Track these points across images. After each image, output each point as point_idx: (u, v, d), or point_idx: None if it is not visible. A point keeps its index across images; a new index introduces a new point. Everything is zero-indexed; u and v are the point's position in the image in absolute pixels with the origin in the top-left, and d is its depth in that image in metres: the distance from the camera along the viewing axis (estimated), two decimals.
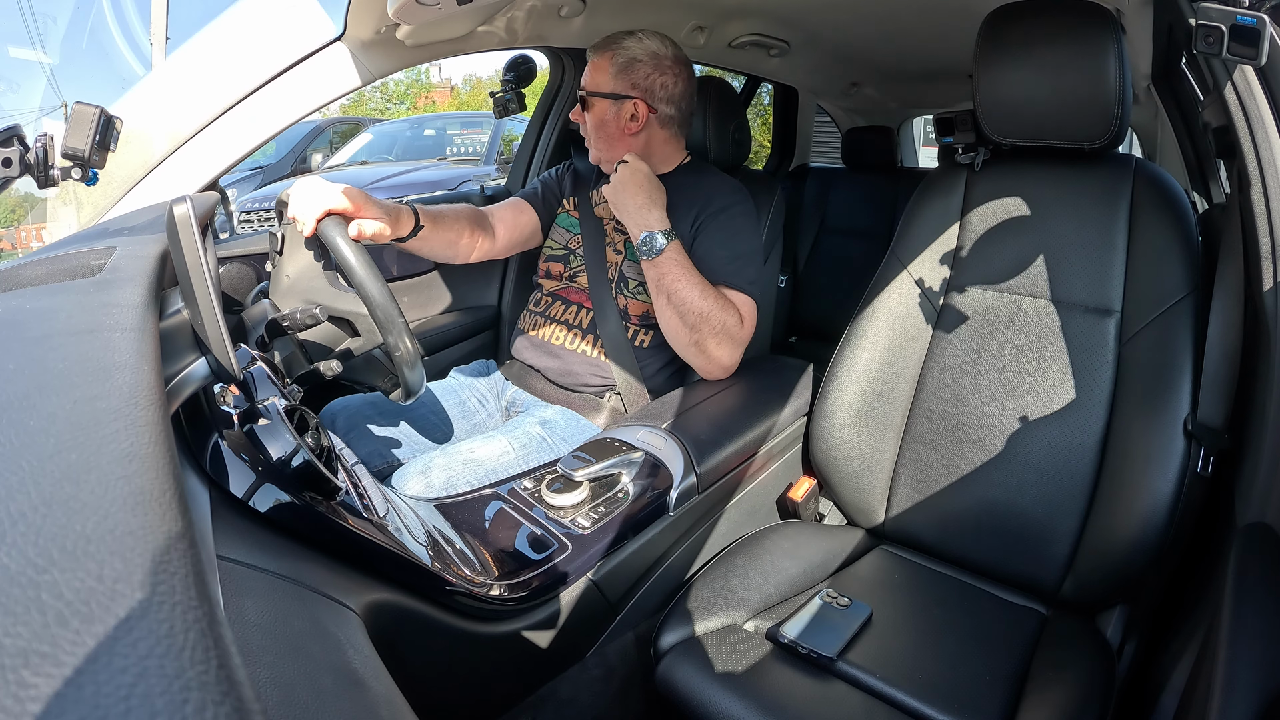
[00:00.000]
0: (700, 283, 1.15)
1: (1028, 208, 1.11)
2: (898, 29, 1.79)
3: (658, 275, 1.15)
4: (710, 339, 1.16)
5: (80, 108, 0.84)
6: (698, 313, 1.14)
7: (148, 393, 0.34)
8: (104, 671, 0.19)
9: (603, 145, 1.30)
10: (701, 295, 1.14)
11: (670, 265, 1.14)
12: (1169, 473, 0.89)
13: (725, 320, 1.16)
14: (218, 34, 1.17)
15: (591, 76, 1.28)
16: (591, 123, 1.28)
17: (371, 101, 17.50)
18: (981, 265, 1.14)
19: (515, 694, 0.84)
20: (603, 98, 1.26)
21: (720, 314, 1.15)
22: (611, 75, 1.25)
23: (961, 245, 1.16)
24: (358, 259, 0.84)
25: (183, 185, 1.13)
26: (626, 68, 1.25)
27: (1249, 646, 0.55)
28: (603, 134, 1.28)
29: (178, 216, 0.52)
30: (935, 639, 0.94)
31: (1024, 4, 1.00)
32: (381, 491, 0.79)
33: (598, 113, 1.27)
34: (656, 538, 0.95)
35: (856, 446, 1.15)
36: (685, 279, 1.14)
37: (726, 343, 1.18)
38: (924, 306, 1.17)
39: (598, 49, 1.28)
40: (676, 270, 1.14)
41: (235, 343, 0.60)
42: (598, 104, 1.27)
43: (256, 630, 0.42)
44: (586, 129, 1.30)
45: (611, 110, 1.26)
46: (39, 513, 0.24)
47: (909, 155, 3.25)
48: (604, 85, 1.26)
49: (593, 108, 1.27)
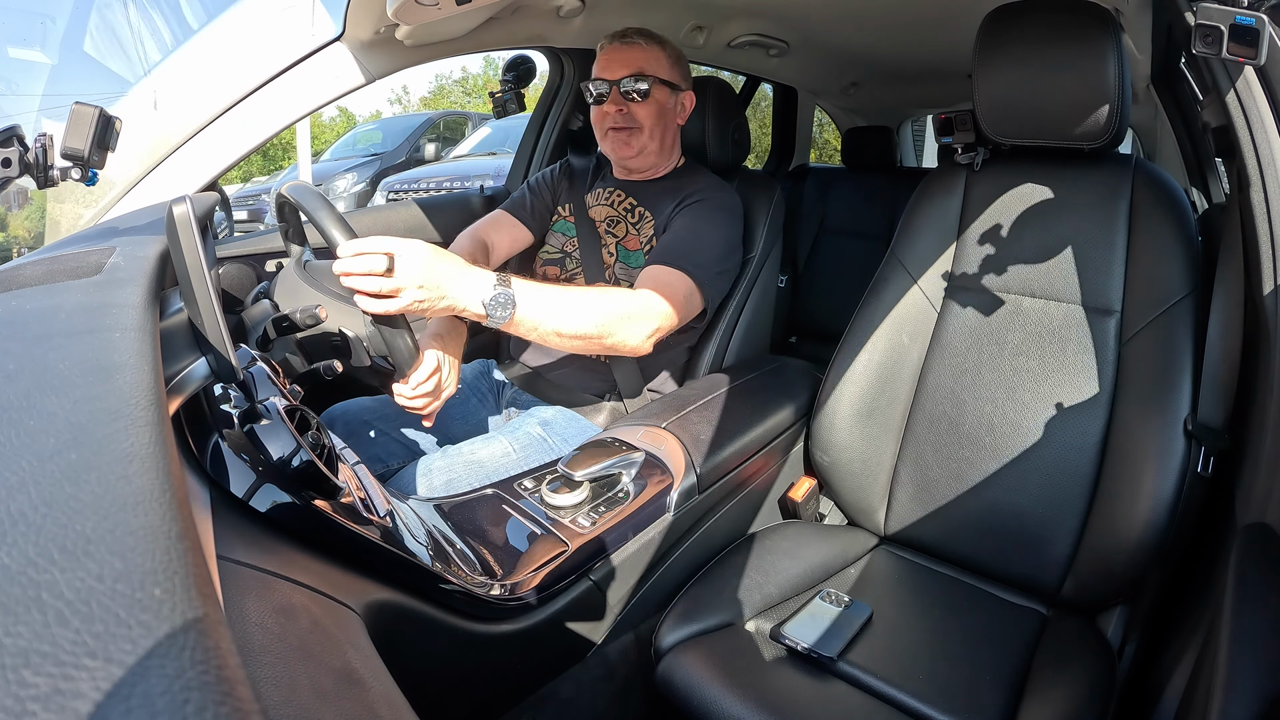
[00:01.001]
0: (564, 299, 0.98)
1: (1027, 208, 1.11)
2: (897, 29, 1.79)
3: (531, 328, 0.94)
4: (616, 335, 1.02)
5: (79, 108, 0.84)
6: (588, 330, 0.99)
7: (148, 393, 0.34)
8: (104, 671, 0.19)
9: (647, 137, 1.26)
10: (576, 311, 0.98)
11: (531, 311, 0.93)
12: (1169, 473, 0.89)
13: (620, 308, 1.03)
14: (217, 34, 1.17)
15: (648, 63, 1.23)
16: (651, 111, 1.24)
17: (452, 95, 17.46)
18: (981, 265, 1.14)
19: (516, 694, 0.84)
20: (665, 85, 1.24)
21: (613, 308, 1.02)
22: (669, 64, 1.24)
23: (961, 245, 1.16)
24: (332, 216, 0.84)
25: (182, 185, 1.13)
26: (678, 61, 1.25)
27: (1250, 646, 0.55)
28: (657, 124, 1.26)
29: (178, 216, 0.52)
30: (936, 639, 0.94)
31: (1023, 4, 1.00)
32: (382, 492, 0.79)
33: (658, 100, 1.24)
34: (657, 538, 0.95)
35: (857, 446, 1.15)
36: (553, 311, 0.96)
37: (633, 326, 1.04)
38: (924, 306, 1.17)
39: (645, 37, 1.25)
40: (540, 311, 0.94)
41: (235, 343, 0.60)
42: (659, 92, 1.24)
43: (257, 630, 0.42)
44: (632, 118, 1.24)
45: (672, 100, 1.26)
46: (39, 512, 0.24)
47: (909, 155, 3.25)
48: (665, 73, 1.24)
49: (653, 95, 1.23)
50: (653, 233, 1.28)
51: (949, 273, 1.17)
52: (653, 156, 1.30)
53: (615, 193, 1.35)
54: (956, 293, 1.16)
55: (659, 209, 1.28)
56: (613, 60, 1.25)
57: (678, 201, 1.26)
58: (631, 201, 1.32)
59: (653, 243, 1.27)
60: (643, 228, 1.30)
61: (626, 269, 1.28)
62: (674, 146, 1.34)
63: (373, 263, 0.79)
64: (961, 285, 1.15)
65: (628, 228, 1.31)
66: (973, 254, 1.15)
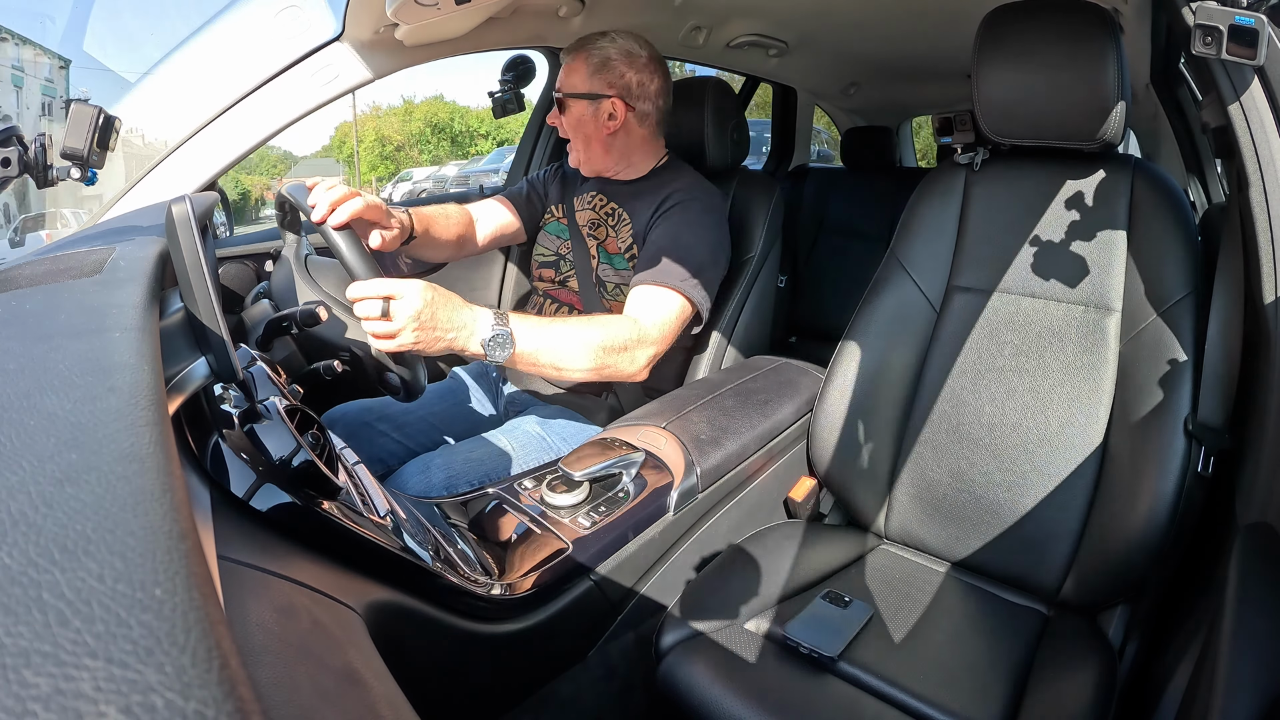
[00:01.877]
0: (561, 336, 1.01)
1: (1027, 208, 1.11)
2: (896, 29, 1.80)
3: (530, 364, 0.99)
4: (612, 368, 1.06)
5: (79, 107, 0.84)
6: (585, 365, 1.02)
7: (148, 393, 0.34)
8: (105, 672, 0.19)
9: (581, 146, 1.28)
10: (572, 349, 1.01)
11: (528, 349, 0.97)
12: (1169, 473, 0.89)
13: (615, 339, 1.06)
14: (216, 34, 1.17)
15: (566, 78, 1.26)
16: (569, 124, 1.27)
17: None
18: (981, 265, 1.14)
19: (517, 694, 0.84)
20: (579, 98, 1.25)
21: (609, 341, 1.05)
22: (587, 75, 1.25)
23: (961, 245, 1.16)
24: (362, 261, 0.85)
25: (182, 185, 1.13)
26: (602, 67, 1.24)
27: (1250, 646, 0.55)
28: (581, 135, 1.27)
29: (177, 216, 0.52)
30: (937, 639, 0.94)
31: (1023, 4, 1.00)
32: (382, 491, 0.79)
33: (575, 114, 1.26)
34: (657, 538, 0.95)
35: (857, 446, 1.15)
36: (549, 349, 0.99)
37: (628, 356, 1.08)
38: (924, 306, 1.17)
39: (571, 51, 1.27)
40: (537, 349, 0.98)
41: (235, 343, 0.60)
42: (575, 105, 1.25)
43: (258, 630, 0.42)
44: (565, 132, 1.29)
45: (589, 110, 1.25)
46: (39, 513, 0.24)
47: (909, 155, 3.25)
48: (579, 86, 1.25)
49: (570, 109, 1.26)
50: (631, 237, 1.28)
51: (949, 273, 1.17)
52: (599, 162, 1.30)
53: (596, 196, 1.35)
54: (956, 293, 1.16)
55: (636, 211, 1.28)
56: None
57: (656, 205, 1.26)
58: (611, 205, 1.33)
59: (633, 249, 1.27)
60: (621, 230, 1.29)
61: (611, 270, 1.28)
62: (633, 150, 1.30)
63: (369, 307, 0.84)
64: (961, 285, 1.15)
65: (608, 230, 1.31)
66: (972, 254, 1.15)
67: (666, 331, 1.14)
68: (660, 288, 1.15)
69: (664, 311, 1.14)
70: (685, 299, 1.16)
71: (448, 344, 0.90)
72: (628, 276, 1.26)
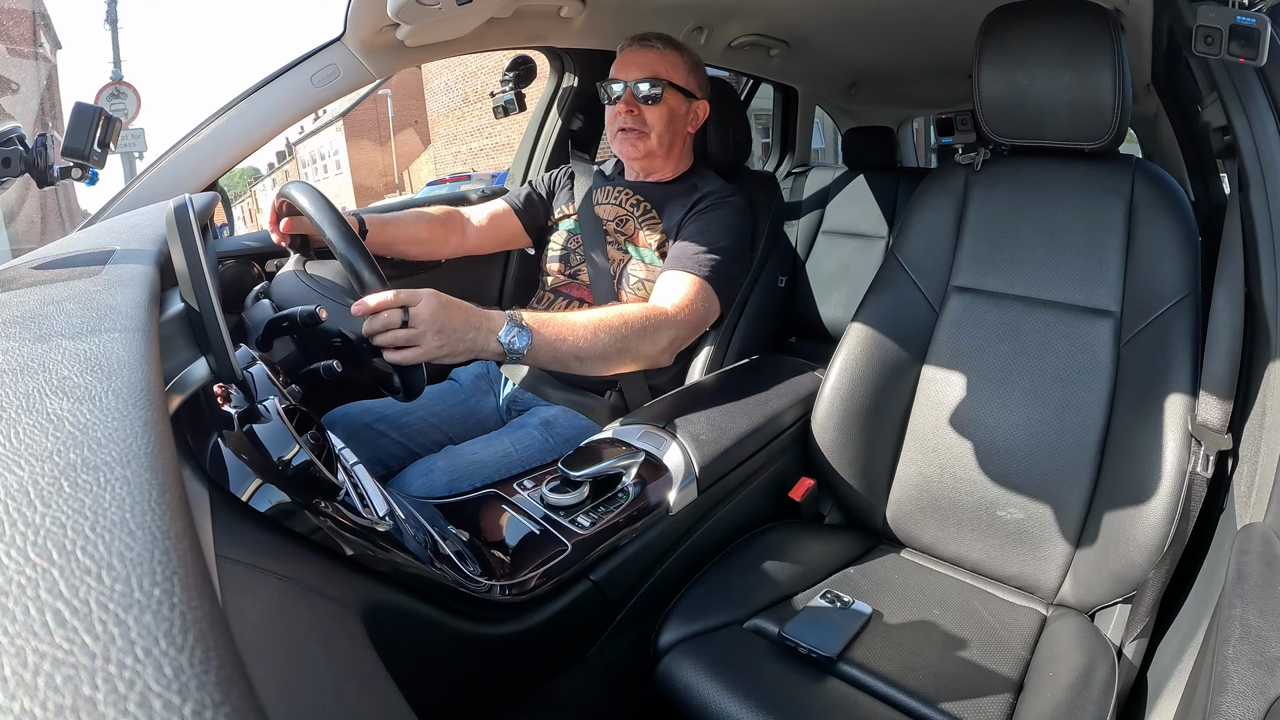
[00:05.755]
0: (578, 322, 1.00)
1: (1027, 208, 1.11)
2: (897, 29, 1.79)
3: (551, 356, 0.98)
4: (639, 349, 1.06)
5: (80, 107, 0.84)
6: (608, 348, 1.02)
7: (148, 393, 0.34)
8: (103, 671, 0.19)
9: (666, 141, 1.27)
10: (592, 332, 1.00)
11: (548, 340, 0.96)
12: (1169, 473, 0.89)
13: (633, 320, 1.05)
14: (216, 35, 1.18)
15: (664, 68, 1.24)
16: (656, 114, 1.25)
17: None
18: (981, 266, 1.14)
19: (515, 694, 0.84)
20: (680, 92, 1.25)
21: (628, 323, 1.04)
22: (686, 71, 1.25)
23: (961, 246, 1.16)
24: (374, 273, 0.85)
25: (182, 185, 1.13)
26: (696, 67, 1.26)
27: (1249, 647, 0.55)
28: (670, 129, 1.27)
29: (178, 216, 0.52)
30: (935, 639, 0.94)
31: (1023, 4, 1.00)
32: (382, 492, 0.79)
33: (670, 105, 1.25)
34: (656, 538, 0.95)
35: (856, 446, 1.15)
36: (569, 336, 0.99)
37: (649, 338, 1.07)
38: (923, 307, 1.17)
39: (664, 42, 1.26)
40: (557, 338, 0.97)
41: (235, 343, 0.60)
42: (673, 97, 1.24)
43: (257, 630, 0.42)
44: (642, 121, 1.25)
45: (683, 106, 1.26)
46: (39, 513, 0.24)
47: (909, 155, 3.25)
48: (682, 80, 1.25)
49: (666, 100, 1.24)
50: (662, 234, 1.29)
51: (949, 273, 1.17)
52: (659, 160, 1.31)
53: (624, 192, 1.36)
54: (956, 293, 1.16)
55: (669, 212, 1.29)
56: (629, 62, 1.26)
57: (689, 206, 1.26)
58: (643, 203, 1.33)
59: (665, 246, 1.28)
60: (652, 227, 1.30)
61: (640, 264, 1.29)
62: (684, 152, 1.34)
63: (389, 318, 0.83)
64: (961, 286, 1.15)
65: (636, 225, 1.32)
66: (972, 254, 1.15)
67: (687, 314, 1.13)
68: (685, 273, 1.16)
69: (687, 295, 1.15)
70: (711, 288, 1.17)
71: (469, 345, 0.89)
72: (655, 272, 1.27)
